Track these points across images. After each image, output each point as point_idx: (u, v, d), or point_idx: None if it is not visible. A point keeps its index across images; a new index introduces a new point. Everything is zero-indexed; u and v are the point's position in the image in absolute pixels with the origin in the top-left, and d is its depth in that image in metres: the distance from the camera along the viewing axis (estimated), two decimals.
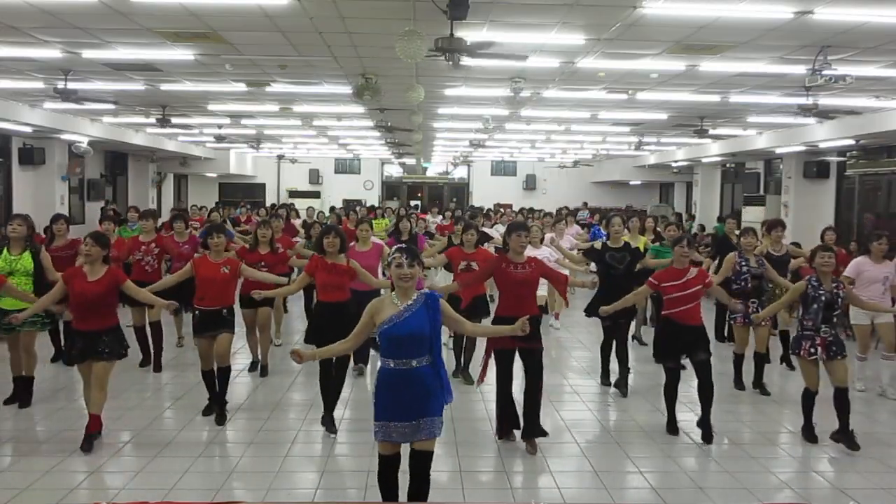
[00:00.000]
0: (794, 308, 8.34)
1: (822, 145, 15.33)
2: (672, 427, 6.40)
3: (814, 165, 17.52)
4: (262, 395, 7.41)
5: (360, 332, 4.28)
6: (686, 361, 6.54)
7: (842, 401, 6.03)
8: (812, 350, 6.08)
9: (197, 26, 7.71)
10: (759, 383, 7.72)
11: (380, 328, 4.12)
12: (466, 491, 5.14)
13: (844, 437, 6.02)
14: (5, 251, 6.86)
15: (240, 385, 7.77)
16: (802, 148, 16.17)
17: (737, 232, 11.51)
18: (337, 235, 6.46)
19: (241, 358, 8.72)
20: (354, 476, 5.39)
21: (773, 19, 6.98)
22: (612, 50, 8.44)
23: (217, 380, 6.60)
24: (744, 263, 7.72)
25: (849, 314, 7.80)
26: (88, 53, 9.01)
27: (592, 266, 8.42)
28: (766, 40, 7.77)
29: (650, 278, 6.49)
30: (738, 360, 7.83)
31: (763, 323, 7.57)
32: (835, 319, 6.14)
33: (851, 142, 14.49)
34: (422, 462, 4.17)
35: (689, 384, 8.05)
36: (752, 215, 18.65)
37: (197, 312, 6.63)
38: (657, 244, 9.90)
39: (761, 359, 7.76)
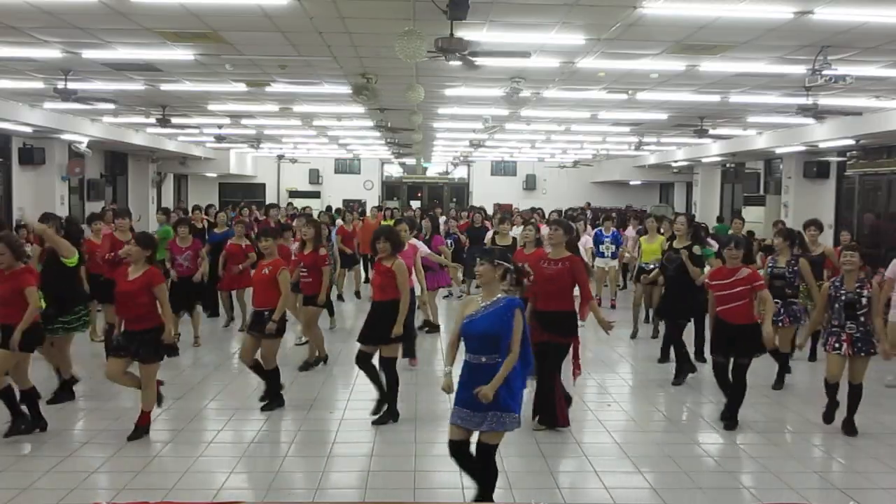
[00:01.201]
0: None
1: (822, 145, 15.33)
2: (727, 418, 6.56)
3: (814, 165, 17.53)
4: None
5: (456, 329, 4.57)
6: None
7: (854, 395, 6.35)
8: (836, 345, 6.29)
9: (197, 26, 7.71)
10: (780, 380, 7.86)
11: (462, 322, 4.47)
12: (467, 491, 5.14)
13: (847, 424, 6.35)
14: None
15: (239, 386, 7.77)
16: (802, 148, 16.18)
17: (744, 233, 11.52)
18: (387, 240, 6.58)
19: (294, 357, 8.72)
20: (354, 476, 5.39)
21: (773, 19, 6.98)
22: (612, 50, 8.44)
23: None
24: (770, 264, 7.83)
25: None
26: (88, 53, 9.01)
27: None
28: (766, 40, 7.76)
29: (706, 279, 6.73)
30: None
31: (783, 324, 7.68)
32: (861, 318, 6.23)
33: (851, 142, 14.50)
34: (482, 453, 4.43)
35: (689, 385, 8.05)
36: (753, 215, 18.69)
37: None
38: None
39: (785, 357, 7.87)
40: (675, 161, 22.40)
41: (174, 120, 15.00)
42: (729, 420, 6.49)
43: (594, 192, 29.68)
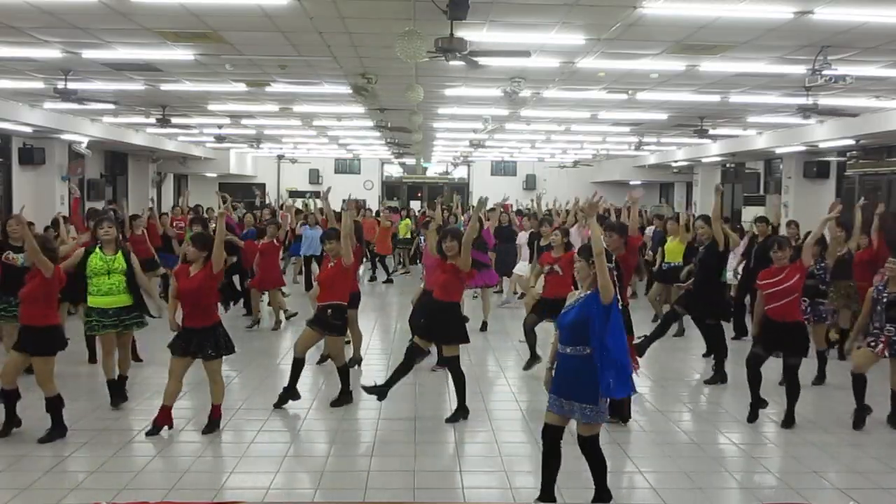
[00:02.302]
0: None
1: (822, 145, 15.33)
2: (753, 413, 6.67)
3: (814, 165, 17.52)
4: (261, 396, 7.39)
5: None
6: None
7: None
8: (872, 343, 6.46)
9: (197, 26, 7.71)
10: (820, 380, 7.94)
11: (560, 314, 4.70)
12: (466, 491, 5.15)
13: (892, 419, 6.53)
14: (98, 251, 6.96)
15: (237, 387, 7.77)
16: (802, 148, 16.17)
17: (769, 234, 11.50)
18: (454, 238, 6.61)
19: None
20: (354, 476, 5.39)
21: (773, 19, 6.98)
22: (612, 50, 8.44)
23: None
24: None
25: None
26: (88, 53, 9.01)
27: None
28: (766, 40, 7.76)
29: (757, 280, 6.87)
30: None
31: (809, 321, 7.69)
32: None
33: (851, 142, 14.49)
34: (583, 445, 4.66)
35: (689, 385, 8.05)
36: (753, 215, 18.66)
37: None
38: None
39: (821, 355, 8.01)
40: (675, 161, 22.39)
41: (174, 120, 15.00)
42: (787, 419, 6.53)
43: (594, 192, 29.64)
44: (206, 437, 6.11)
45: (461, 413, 6.57)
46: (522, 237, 11.90)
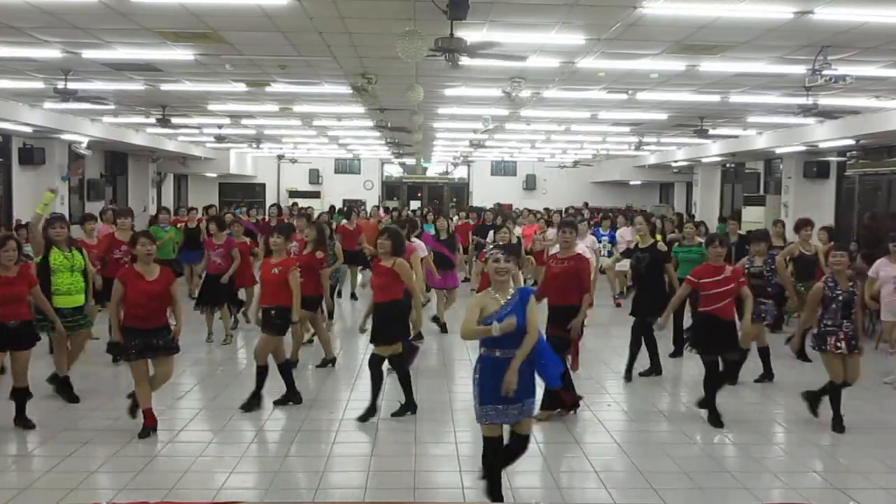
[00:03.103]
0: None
1: (822, 145, 15.33)
2: (715, 419, 6.53)
3: (814, 165, 17.53)
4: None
5: (473, 320, 4.67)
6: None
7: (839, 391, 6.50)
8: (838, 345, 6.38)
9: (197, 26, 7.71)
10: (768, 374, 7.98)
11: (484, 322, 4.48)
12: (466, 491, 5.15)
13: (835, 421, 6.45)
14: (56, 249, 6.95)
15: (239, 386, 7.77)
16: (802, 148, 16.18)
17: (739, 232, 11.57)
18: (389, 238, 6.55)
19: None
20: (354, 476, 5.39)
21: (773, 19, 6.98)
22: (612, 50, 8.45)
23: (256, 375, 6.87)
24: (747, 264, 8.00)
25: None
26: (88, 53, 9.01)
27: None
28: (766, 40, 7.77)
29: (688, 276, 6.82)
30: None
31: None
32: (853, 315, 6.42)
33: (851, 142, 14.50)
34: (525, 441, 4.72)
35: (689, 385, 8.06)
36: (753, 215, 18.68)
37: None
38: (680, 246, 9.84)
39: (763, 351, 7.98)
40: (675, 161, 22.39)
41: (174, 120, 15.00)
42: (711, 415, 6.55)
43: (594, 192, 29.67)
44: (206, 437, 6.11)
45: (408, 408, 6.63)
46: (491, 236, 11.91)
